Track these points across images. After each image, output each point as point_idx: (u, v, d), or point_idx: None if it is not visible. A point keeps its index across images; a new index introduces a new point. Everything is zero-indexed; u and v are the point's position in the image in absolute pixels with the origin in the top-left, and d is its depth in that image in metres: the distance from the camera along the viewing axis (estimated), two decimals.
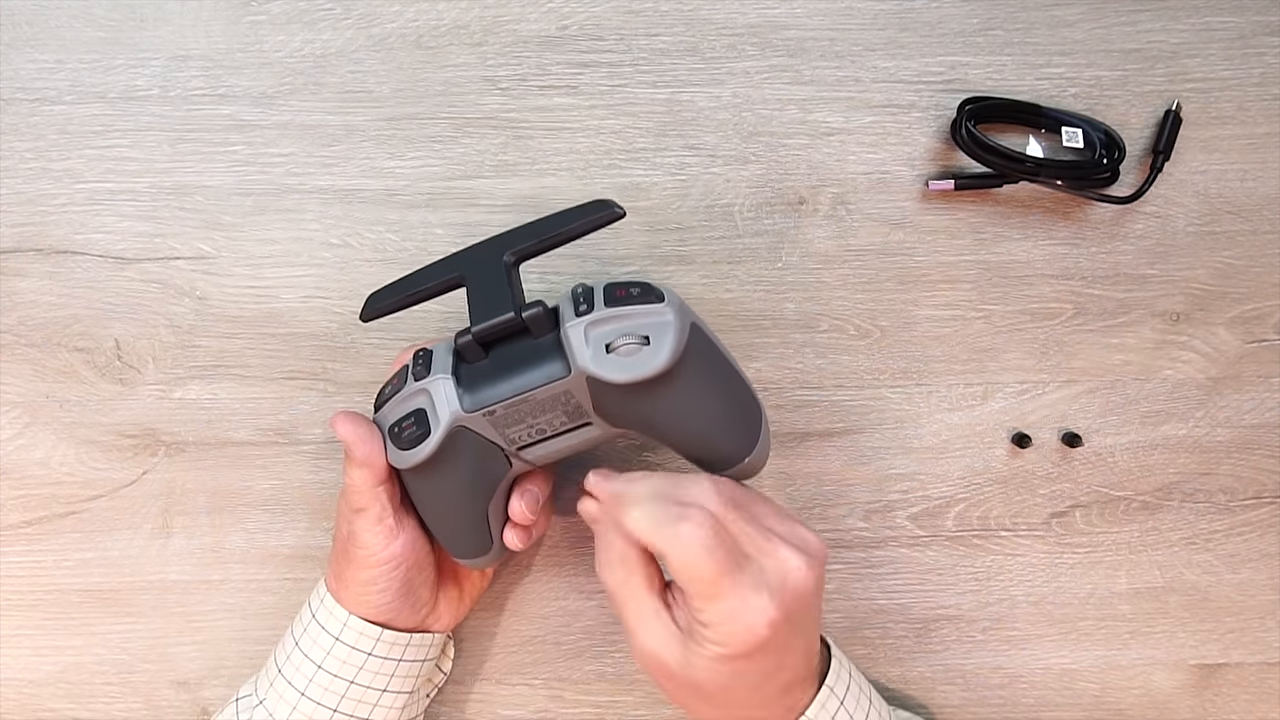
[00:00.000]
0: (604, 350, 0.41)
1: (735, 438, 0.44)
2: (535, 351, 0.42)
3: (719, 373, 0.44)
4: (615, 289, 0.42)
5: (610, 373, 0.40)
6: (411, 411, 0.43)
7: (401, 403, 0.44)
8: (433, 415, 0.43)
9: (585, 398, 0.42)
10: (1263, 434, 0.55)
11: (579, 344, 0.41)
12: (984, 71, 0.52)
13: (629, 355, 0.41)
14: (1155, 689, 0.56)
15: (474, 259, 0.44)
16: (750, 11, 0.52)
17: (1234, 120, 0.53)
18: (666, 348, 0.40)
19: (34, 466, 0.53)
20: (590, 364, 0.41)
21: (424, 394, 0.43)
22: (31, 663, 0.54)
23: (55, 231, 0.52)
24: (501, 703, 0.55)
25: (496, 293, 0.43)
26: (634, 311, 0.41)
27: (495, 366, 0.43)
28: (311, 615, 0.47)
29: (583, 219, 0.43)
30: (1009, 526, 0.55)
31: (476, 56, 0.52)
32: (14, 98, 0.51)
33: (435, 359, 0.44)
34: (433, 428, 0.42)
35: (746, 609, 0.39)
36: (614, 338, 0.41)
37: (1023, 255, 0.53)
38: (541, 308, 0.42)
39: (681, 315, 0.42)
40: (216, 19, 0.51)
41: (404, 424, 0.43)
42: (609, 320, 0.41)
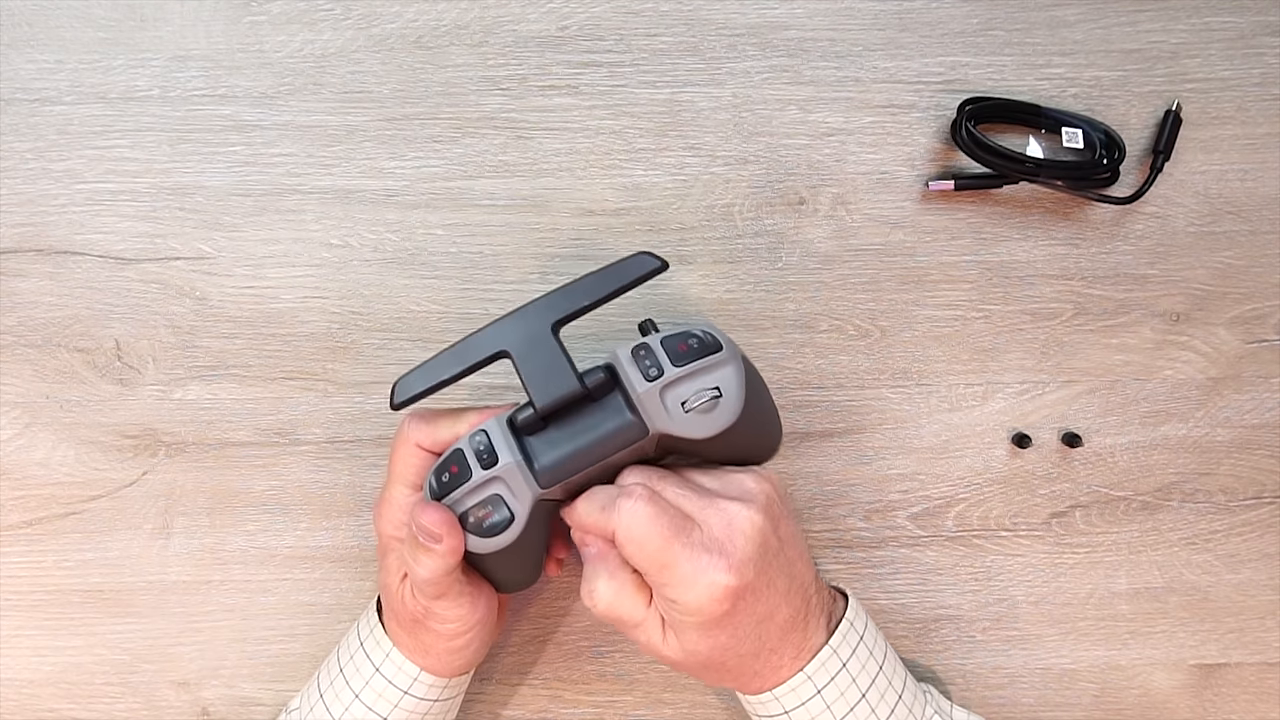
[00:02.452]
0: (681, 409, 0.42)
1: (772, 445, 0.48)
2: (604, 417, 0.42)
3: (765, 400, 0.46)
4: (676, 343, 0.42)
5: (694, 431, 0.42)
6: (487, 498, 0.42)
7: (472, 493, 0.43)
8: (512, 501, 0.42)
9: (652, 446, 0.43)
10: (1263, 434, 0.55)
11: (655, 409, 0.42)
12: (984, 71, 0.52)
13: (707, 412, 0.42)
14: (1155, 689, 0.56)
15: (518, 332, 0.43)
16: (750, 11, 0.52)
17: (1234, 120, 0.53)
18: (737, 398, 0.42)
19: (34, 466, 0.53)
20: (673, 427, 0.42)
21: (498, 482, 0.42)
22: (31, 663, 0.54)
23: (55, 231, 0.52)
24: (501, 703, 0.55)
25: (552, 365, 0.42)
26: (701, 366, 0.42)
27: (566, 436, 0.42)
28: (375, 669, 0.47)
29: (626, 277, 0.43)
30: (1009, 526, 0.55)
31: (476, 56, 0.52)
32: (14, 98, 0.51)
33: (495, 440, 0.43)
34: (514, 514, 0.42)
35: (700, 571, 0.40)
36: (688, 396, 0.42)
37: (1023, 255, 0.53)
38: (602, 374, 0.42)
39: (738, 360, 0.43)
40: (216, 19, 0.51)
41: (478, 512, 0.42)
42: (680, 382, 0.42)
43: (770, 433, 0.47)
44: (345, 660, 0.48)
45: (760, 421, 0.45)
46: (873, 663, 0.46)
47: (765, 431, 0.47)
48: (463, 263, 0.53)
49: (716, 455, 0.45)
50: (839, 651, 0.45)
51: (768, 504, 0.43)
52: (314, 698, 0.48)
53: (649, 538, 0.40)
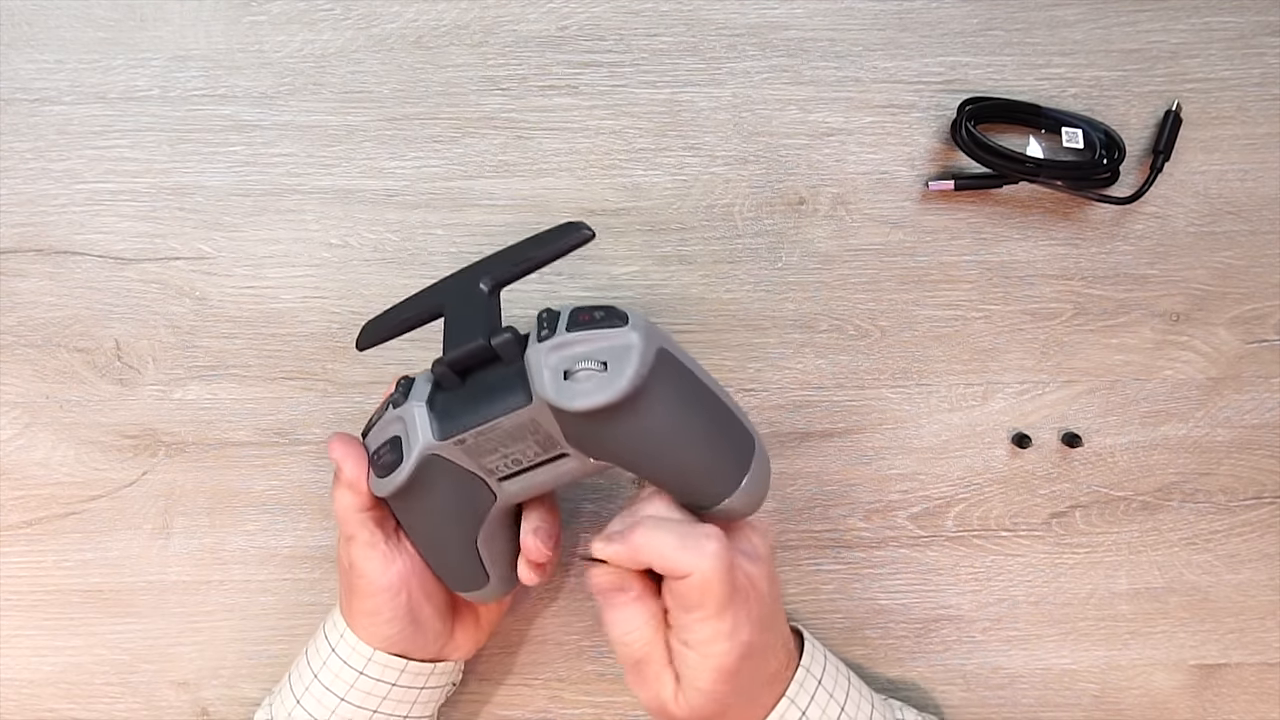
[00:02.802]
0: (563, 377, 0.39)
1: (717, 472, 0.41)
2: (503, 379, 0.41)
3: (695, 400, 0.41)
4: (580, 313, 0.41)
5: (568, 400, 0.38)
6: (388, 439, 0.43)
7: (381, 430, 0.44)
8: (406, 443, 0.42)
9: (554, 428, 0.41)
10: (1263, 434, 0.55)
11: (538, 371, 0.39)
12: (984, 71, 0.52)
13: (587, 381, 0.38)
14: (1155, 689, 0.56)
15: (454, 288, 0.44)
16: (750, 11, 0.52)
17: (1234, 120, 0.53)
18: (626, 373, 0.38)
19: (34, 466, 0.53)
20: (549, 392, 0.39)
21: (400, 421, 0.43)
22: (31, 663, 0.54)
23: (55, 231, 0.52)
24: (501, 703, 0.55)
25: (471, 320, 0.42)
26: (595, 335, 0.39)
27: (468, 395, 0.42)
28: (331, 649, 0.47)
29: (554, 243, 0.42)
30: (1009, 526, 0.55)
31: (476, 56, 0.52)
32: (14, 98, 0.51)
33: (415, 387, 0.44)
34: (405, 455, 0.42)
35: (736, 627, 0.40)
36: (573, 363, 0.39)
37: (1023, 255, 0.53)
38: (511, 334, 0.41)
39: (647, 339, 0.39)
40: (216, 19, 0.51)
41: (381, 451, 0.43)
42: (569, 345, 0.39)
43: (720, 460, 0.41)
44: (309, 645, 0.49)
45: (690, 434, 0.40)
46: (843, 678, 0.47)
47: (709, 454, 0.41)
48: (462, 263, 0.52)
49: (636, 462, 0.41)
50: (811, 669, 0.46)
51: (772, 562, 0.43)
52: (281, 685, 0.49)
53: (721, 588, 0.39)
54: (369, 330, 0.46)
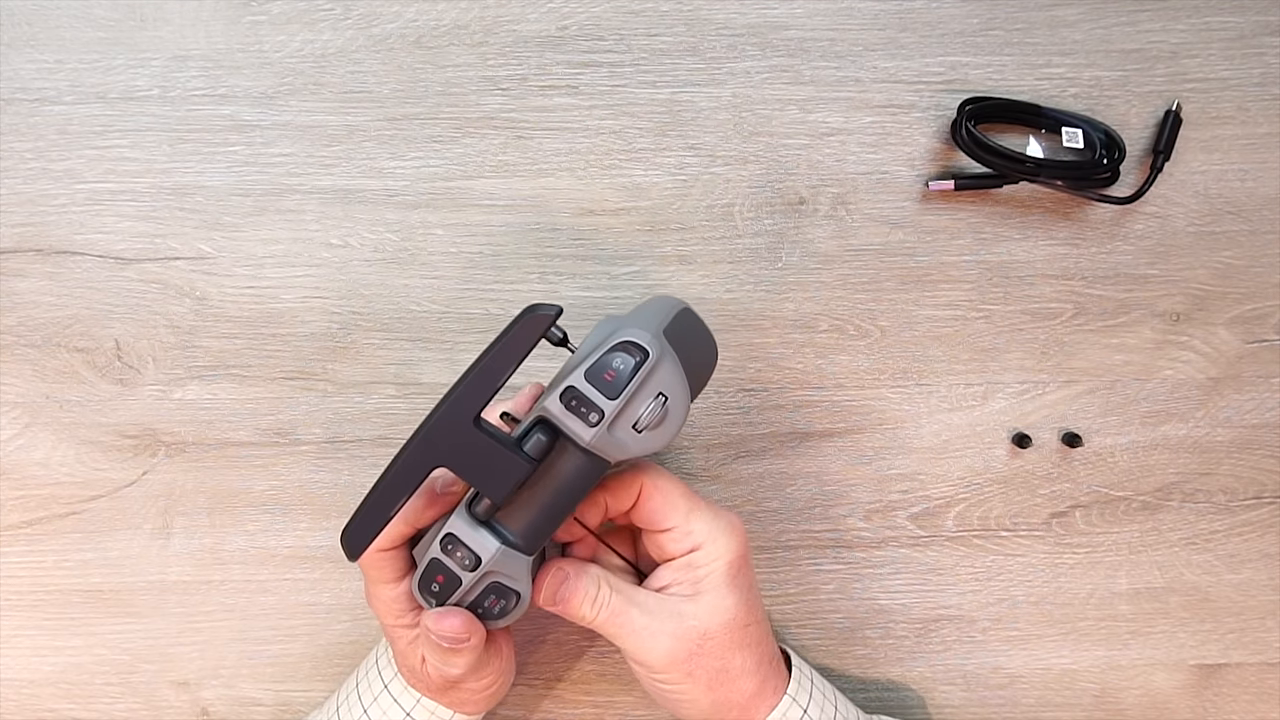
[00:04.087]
0: (634, 432, 0.40)
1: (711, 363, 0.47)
2: (562, 471, 0.41)
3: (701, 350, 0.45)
4: (600, 373, 0.39)
5: (653, 444, 0.40)
6: (488, 589, 0.42)
7: (467, 593, 0.42)
8: (511, 582, 0.42)
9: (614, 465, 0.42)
10: (1263, 434, 0.55)
11: (609, 445, 0.40)
12: (984, 71, 0.52)
13: (660, 422, 0.40)
14: (1155, 689, 0.56)
15: (442, 443, 0.40)
16: (750, 11, 0.52)
17: (1234, 120, 0.53)
18: (684, 393, 0.40)
19: (34, 466, 0.53)
20: (633, 449, 0.40)
21: (491, 574, 0.42)
22: (31, 663, 0.54)
23: (55, 231, 0.52)
24: (501, 702, 0.55)
25: (492, 458, 0.40)
26: (635, 388, 0.39)
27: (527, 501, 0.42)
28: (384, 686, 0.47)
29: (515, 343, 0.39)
30: (1009, 526, 0.55)
31: (476, 56, 0.52)
32: (14, 98, 0.51)
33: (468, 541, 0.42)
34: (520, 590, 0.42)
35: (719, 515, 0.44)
36: (637, 417, 0.40)
37: (1023, 255, 0.53)
38: (538, 438, 0.40)
39: (668, 353, 0.40)
40: (216, 19, 0.51)
41: (486, 603, 0.43)
42: (624, 410, 0.40)
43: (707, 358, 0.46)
44: (361, 673, 0.48)
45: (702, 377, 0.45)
46: (829, 706, 0.47)
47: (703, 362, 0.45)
48: (463, 263, 0.53)
49: None
50: (797, 699, 0.46)
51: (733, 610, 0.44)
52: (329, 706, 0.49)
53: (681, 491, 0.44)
54: (358, 533, 0.41)
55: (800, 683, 0.47)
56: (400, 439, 0.53)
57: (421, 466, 0.40)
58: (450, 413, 0.40)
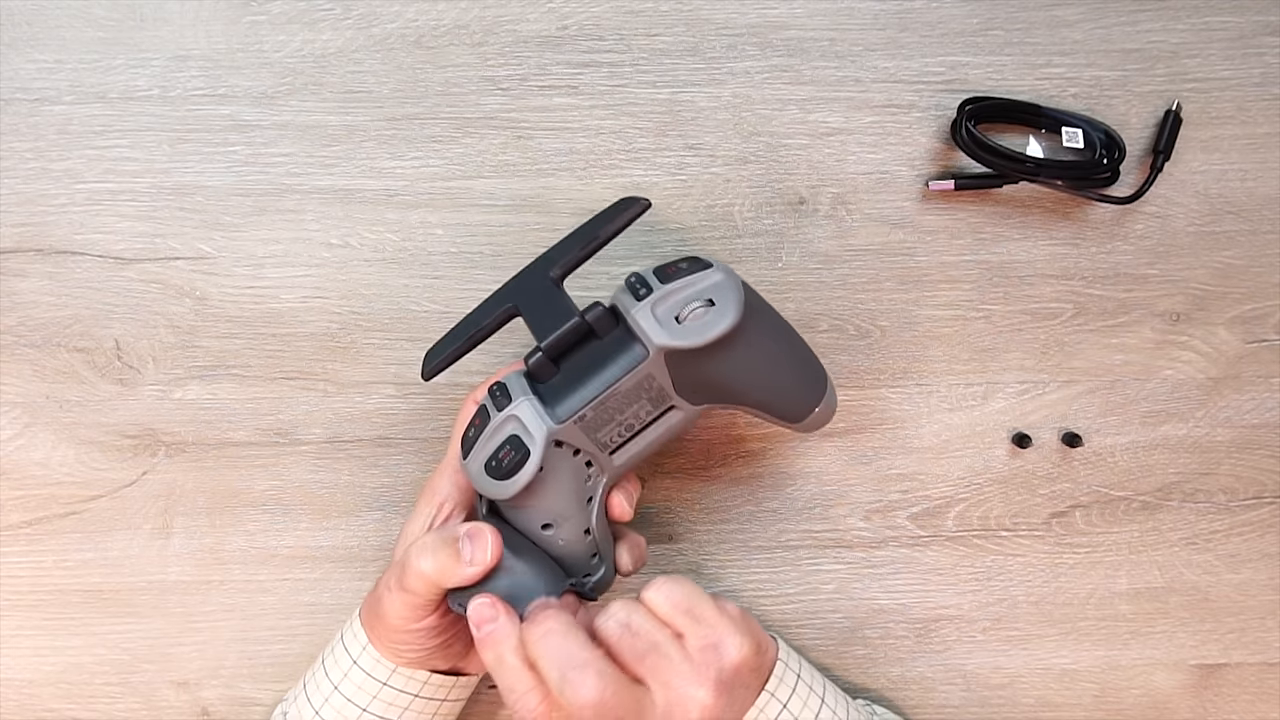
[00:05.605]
0: (675, 322, 0.42)
1: (808, 385, 0.46)
2: (608, 349, 0.43)
3: (779, 325, 0.46)
4: (665, 268, 0.44)
5: (689, 339, 0.42)
6: (505, 439, 0.43)
7: (491, 437, 0.43)
8: (527, 437, 0.43)
9: (665, 378, 0.43)
10: (1263, 434, 0.55)
11: (649, 324, 0.42)
12: (984, 71, 0.52)
13: (700, 319, 0.42)
14: (1155, 689, 0.56)
15: (521, 287, 0.45)
16: (750, 11, 0.52)
17: (1234, 120, 0.53)
18: (732, 303, 0.42)
19: (34, 466, 0.53)
20: (667, 338, 0.42)
21: (513, 420, 0.43)
22: (31, 663, 0.54)
23: (55, 231, 0.52)
24: (502, 703, 0.55)
25: (554, 307, 0.44)
26: (690, 281, 0.43)
27: (572, 376, 0.43)
28: (353, 661, 0.47)
29: (615, 220, 0.45)
30: (1009, 526, 0.55)
31: (476, 56, 0.52)
32: (14, 98, 0.51)
33: (511, 387, 0.44)
34: (530, 449, 0.42)
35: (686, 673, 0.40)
36: (680, 308, 0.42)
37: (1023, 255, 0.53)
38: (601, 307, 0.44)
39: (732, 275, 0.43)
40: (216, 19, 0.51)
41: (500, 454, 0.43)
42: (670, 295, 0.43)
43: (808, 372, 0.46)
44: (326, 654, 0.48)
45: (783, 353, 0.45)
46: (814, 698, 0.47)
47: (800, 368, 0.46)
48: (463, 263, 0.53)
49: (744, 390, 0.44)
50: (777, 694, 0.45)
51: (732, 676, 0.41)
52: (297, 692, 0.49)
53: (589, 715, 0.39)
54: (436, 355, 0.45)
55: (783, 678, 0.46)
56: (400, 439, 0.54)
57: (499, 302, 0.45)
58: (537, 265, 0.45)
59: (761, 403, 0.45)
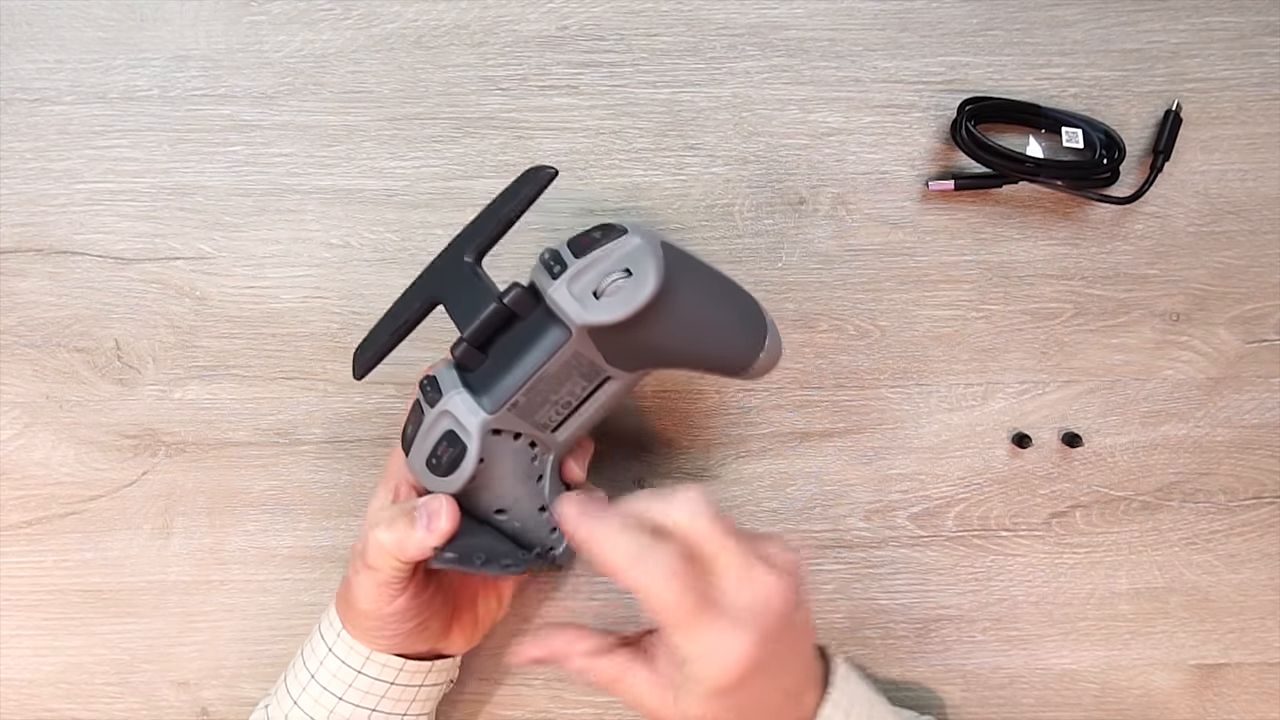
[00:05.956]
0: (593, 297, 0.41)
1: (745, 335, 0.44)
2: (530, 331, 0.42)
3: (706, 279, 0.44)
4: (580, 239, 0.42)
5: (608, 314, 0.40)
6: (441, 436, 0.43)
7: (428, 433, 0.43)
8: (462, 431, 0.42)
9: (594, 353, 0.42)
10: (1263, 434, 0.55)
11: (568, 303, 0.41)
12: (984, 71, 0.52)
13: (618, 292, 0.41)
14: (1155, 689, 0.56)
15: (438, 275, 0.44)
16: (750, 11, 0.52)
17: (1234, 120, 0.53)
18: (651, 270, 0.40)
19: (34, 466, 0.53)
20: (587, 315, 0.40)
21: (446, 415, 0.43)
22: (31, 663, 0.54)
23: (55, 231, 0.52)
24: (501, 703, 0.55)
25: (473, 295, 0.42)
26: (606, 252, 0.41)
27: (500, 361, 0.43)
28: (328, 649, 0.47)
29: (520, 193, 0.43)
30: (1009, 526, 0.55)
31: (476, 56, 0.52)
32: (14, 98, 0.51)
33: (442, 381, 0.44)
34: (466, 443, 0.42)
35: (722, 643, 0.39)
36: (598, 282, 0.41)
37: (1023, 255, 0.53)
38: (518, 288, 0.42)
39: (650, 238, 0.42)
40: (216, 19, 0.51)
41: (439, 451, 0.43)
42: (586, 270, 0.41)
43: (744, 324, 0.44)
44: (304, 645, 0.48)
45: (714, 309, 0.43)
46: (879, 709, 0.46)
47: (734, 322, 0.44)
48: None
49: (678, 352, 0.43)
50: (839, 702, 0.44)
51: (795, 578, 0.41)
52: (277, 685, 0.49)
53: (672, 602, 0.38)
54: (363, 354, 0.45)
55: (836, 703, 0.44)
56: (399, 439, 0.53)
57: (419, 295, 0.44)
58: (451, 249, 0.44)
59: (698, 361, 0.44)
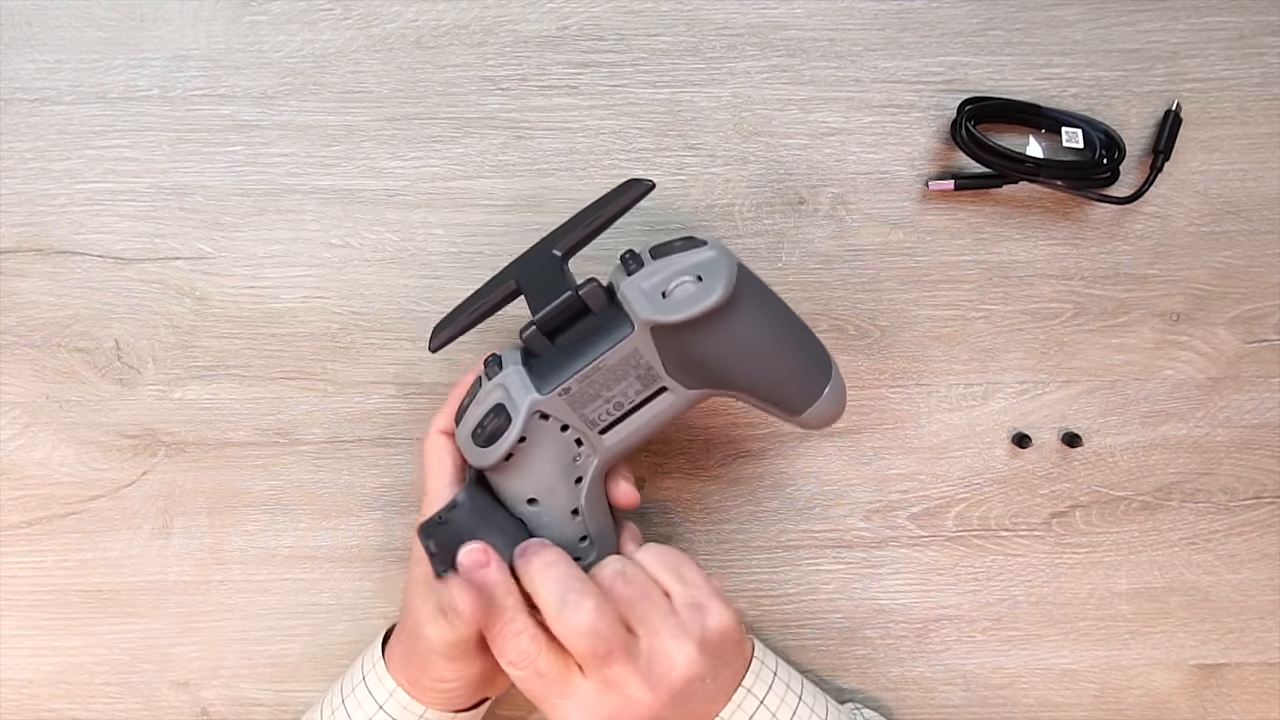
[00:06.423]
0: (661, 297, 0.42)
1: (806, 373, 0.44)
2: (599, 324, 0.43)
3: (777, 309, 0.44)
4: (661, 246, 0.44)
5: (671, 313, 0.41)
6: (491, 408, 0.44)
7: (479, 404, 0.44)
8: (511, 406, 0.43)
9: (653, 355, 0.43)
10: (1263, 434, 0.55)
11: (636, 298, 0.42)
12: (984, 71, 0.52)
13: (685, 295, 0.41)
14: (1155, 689, 0.56)
15: (525, 264, 0.46)
16: (750, 11, 0.52)
17: (1234, 120, 0.53)
18: (720, 280, 0.41)
19: (34, 466, 0.53)
20: (651, 312, 0.41)
21: (500, 389, 0.44)
22: (31, 663, 0.54)
23: (55, 231, 0.52)
24: (501, 703, 0.55)
25: (552, 284, 0.44)
26: (680, 258, 0.43)
27: (564, 351, 0.44)
28: (378, 707, 0.46)
29: (617, 200, 0.45)
30: (1009, 526, 0.55)
31: (476, 56, 0.52)
32: (14, 98, 0.51)
33: (505, 359, 0.45)
34: (513, 416, 0.43)
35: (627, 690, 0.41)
36: (668, 283, 0.42)
37: (1023, 255, 0.53)
38: (596, 283, 0.43)
39: (727, 254, 0.43)
40: (216, 19, 0.51)
41: (485, 421, 0.44)
42: (659, 270, 0.42)
43: (807, 363, 0.44)
44: (348, 693, 0.48)
45: (779, 339, 0.43)
46: (791, 695, 0.46)
47: (798, 357, 0.44)
48: (463, 263, 0.53)
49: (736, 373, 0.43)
50: (754, 690, 0.45)
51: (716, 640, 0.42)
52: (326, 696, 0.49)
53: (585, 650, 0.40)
54: (441, 330, 0.46)
55: (759, 674, 0.45)
56: (400, 439, 0.54)
57: (505, 279, 0.46)
58: (542, 243, 0.46)
59: (756, 389, 0.44)
